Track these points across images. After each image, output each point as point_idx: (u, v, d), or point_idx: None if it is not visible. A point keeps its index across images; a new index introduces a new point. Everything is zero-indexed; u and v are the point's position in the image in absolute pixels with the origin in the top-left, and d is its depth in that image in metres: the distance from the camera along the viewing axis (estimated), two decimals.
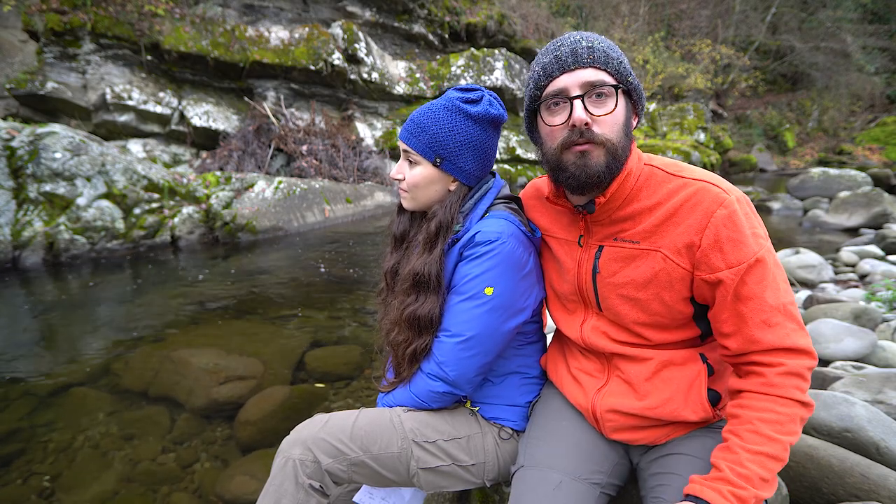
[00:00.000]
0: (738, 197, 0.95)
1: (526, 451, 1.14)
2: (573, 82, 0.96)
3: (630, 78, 0.99)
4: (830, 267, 4.73)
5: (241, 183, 7.10)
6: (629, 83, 0.99)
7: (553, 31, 14.38)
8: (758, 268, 0.91)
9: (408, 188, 1.22)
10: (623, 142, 0.98)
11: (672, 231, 0.98)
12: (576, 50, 0.97)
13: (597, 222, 1.08)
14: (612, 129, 0.97)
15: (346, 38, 9.68)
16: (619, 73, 0.97)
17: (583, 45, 0.97)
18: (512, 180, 11.47)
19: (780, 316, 0.91)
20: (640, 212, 1.02)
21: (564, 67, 0.97)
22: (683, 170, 1.02)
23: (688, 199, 0.96)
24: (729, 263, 0.92)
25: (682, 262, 0.97)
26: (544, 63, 1.00)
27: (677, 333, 1.05)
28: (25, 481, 2.18)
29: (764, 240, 0.94)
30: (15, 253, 5.24)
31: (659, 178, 1.02)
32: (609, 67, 0.96)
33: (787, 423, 0.88)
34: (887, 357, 2.34)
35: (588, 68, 0.96)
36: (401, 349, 1.20)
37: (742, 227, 0.92)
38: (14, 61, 10.49)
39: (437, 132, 1.16)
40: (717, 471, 0.88)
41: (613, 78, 0.97)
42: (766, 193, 11.28)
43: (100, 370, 3.10)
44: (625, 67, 0.98)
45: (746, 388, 0.92)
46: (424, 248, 1.19)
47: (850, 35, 22.40)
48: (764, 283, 0.91)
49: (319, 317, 3.99)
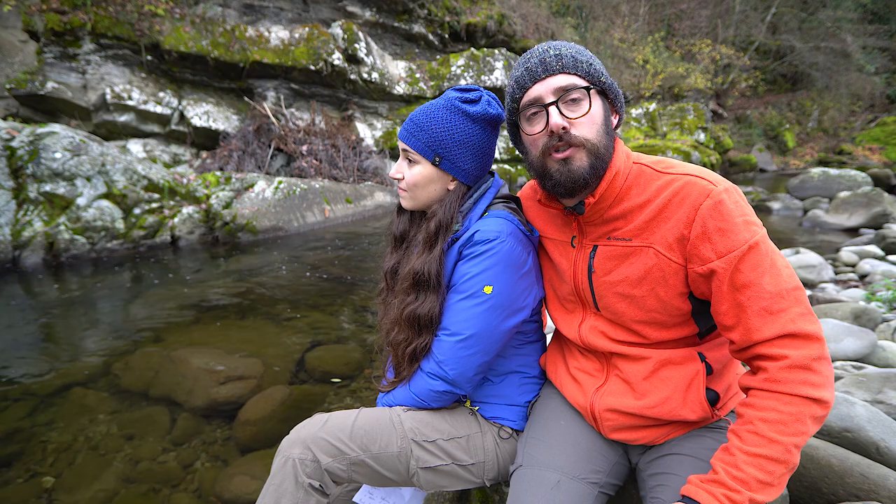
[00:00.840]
0: (725, 187, 0.94)
1: (525, 450, 1.14)
2: (546, 90, 0.99)
3: (602, 78, 1.01)
4: (830, 267, 4.73)
5: (241, 183, 7.10)
6: (602, 83, 1.01)
7: (553, 31, 14.37)
8: (751, 254, 0.89)
9: (407, 187, 1.22)
10: (604, 140, 1.00)
11: (663, 226, 0.98)
12: (544, 59, 1.00)
13: (589, 222, 1.08)
14: (591, 129, 0.99)
15: (346, 38, 9.68)
16: (590, 74, 0.99)
17: (550, 54, 1.00)
18: (512, 180, 11.47)
19: (782, 301, 0.87)
20: (630, 210, 1.02)
21: (535, 77, 1.00)
22: (671, 166, 1.02)
23: (676, 194, 0.97)
24: (719, 253, 0.91)
25: (675, 257, 0.97)
26: (517, 76, 1.03)
27: (675, 331, 1.05)
28: (25, 481, 2.18)
29: (757, 227, 0.92)
30: (15, 253, 5.24)
31: (647, 176, 1.02)
32: (578, 71, 0.99)
33: (792, 422, 0.84)
34: (887, 357, 2.34)
35: (558, 74, 0.99)
36: (401, 348, 1.21)
37: (731, 215, 0.91)
38: (14, 61, 10.49)
39: (436, 132, 1.16)
40: (713, 472, 0.87)
41: (584, 80, 0.99)
42: (766, 193, 11.27)
43: (100, 370, 3.10)
44: (595, 69, 1.00)
45: (753, 386, 0.90)
46: (424, 248, 1.19)
47: (850, 35, 22.39)
48: (760, 270, 0.89)
49: (319, 317, 3.99)
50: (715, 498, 0.83)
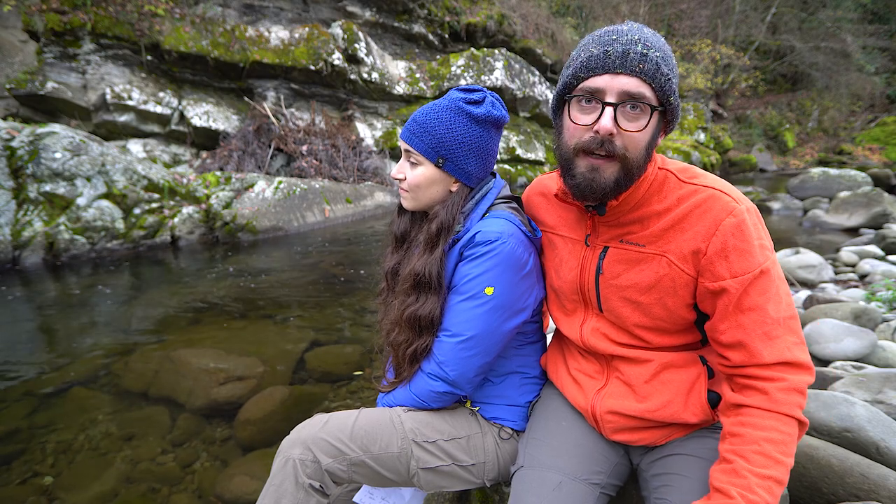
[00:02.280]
0: (748, 207, 0.93)
1: (526, 451, 1.14)
2: (612, 87, 0.89)
3: (672, 98, 0.92)
4: (830, 267, 4.73)
5: (241, 183, 7.10)
6: (669, 103, 0.92)
7: (553, 31, 14.37)
8: (762, 279, 0.90)
9: (409, 188, 1.21)
10: (641, 160, 0.94)
11: (679, 237, 0.96)
12: (627, 52, 0.88)
13: (604, 223, 1.07)
14: (636, 146, 0.92)
15: (346, 38, 9.68)
16: (664, 90, 0.90)
17: (637, 49, 0.88)
18: (512, 180, 11.46)
19: (780, 329, 0.89)
20: (649, 216, 1.00)
21: (609, 67, 0.89)
22: (696, 176, 1.00)
23: (697, 206, 0.95)
24: (734, 273, 0.91)
25: (687, 269, 0.96)
26: (591, 54, 0.91)
27: (678, 338, 1.05)
28: (25, 481, 2.18)
29: (770, 252, 0.93)
30: (15, 253, 5.24)
31: (671, 184, 1.00)
32: (654, 82, 0.89)
33: (790, 443, 0.86)
34: (887, 357, 2.34)
35: (633, 77, 0.89)
36: (401, 349, 1.20)
37: (750, 237, 0.91)
38: (14, 61, 10.48)
39: (439, 133, 1.15)
40: (727, 497, 0.83)
41: (655, 94, 0.90)
42: (766, 193, 11.28)
43: (100, 370, 3.10)
44: (671, 85, 0.91)
45: (748, 404, 0.89)
46: (425, 249, 1.19)
47: (850, 35, 22.39)
48: (767, 295, 0.90)
49: (319, 317, 3.99)
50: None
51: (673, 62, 0.92)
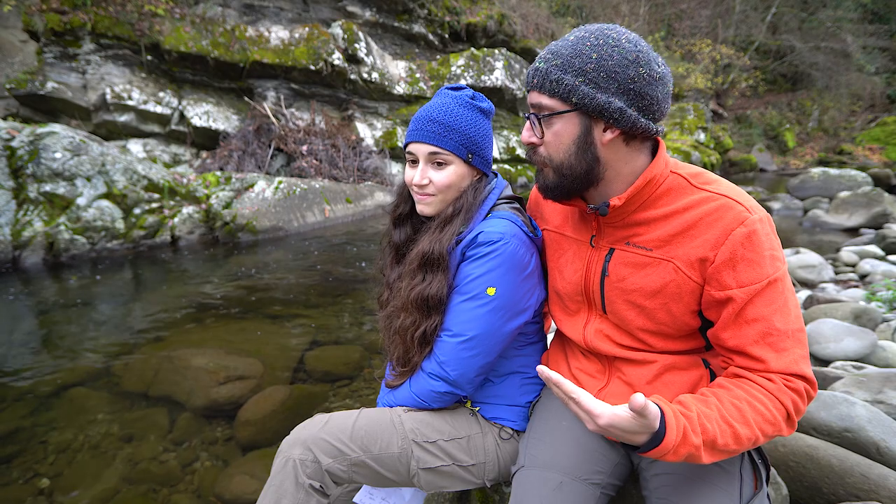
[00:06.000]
0: (760, 217, 0.92)
1: (526, 451, 1.14)
2: (531, 100, 1.00)
3: (574, 98, 0.92)
4: (830, 267, 4.73)
5: (241, 183, 7.10)
6: (576, 104, 0.92)
7: (553, 31, 14.37)
8: (769, 290, 0.89)
9: (439, 191, 1.18)
10: (571, 160, 0.98)
11: (688, 243, 0.95)
12: (534, 68, 0.97)
13: (609, 224, 1.06)
14: (556, 150, 0.98)
15: (346, 38, 9.67)
16: (560, 94, 0.93)
17: (535, 66, 0.97)
18: (512, 180, 11.47)
19: (788, 341, 0.88)
20: (655, 218, 1.00)
21: (528, 83, 0.99)
22: (710, 182, 0.98)
23: (709, 214, 0.94)
24: (741, 283, 0.90)
25: (694, 276, 0.96)
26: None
27: (681, 343, 1.04)
28: (25, 481, 2.18)
29: (781, 262, 0.91)
30: (15, 253, 5.23)
31: (682, 188, 0.99)
32: (544, 90, 0.95)
33: (769, 424, 0.85)
34: (887, 357, 2.34)
35: (533, 91, 0.98)
36: (409, 334, 1.18)
37: (760, 247, 0.90)
38: (14, 61, 10.48)
39: (466, 129, 1.17)
40: (686, 408, 0.84)
41: (554, 100, 0.94)
42: (767, 193, 11.28)
43: (100, 370, 3.10)
44: (566, 87, 0.91)
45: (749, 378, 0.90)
46: (436, 228, 1.19)
47: (850, 35, 22.39)
48: (774, 307, 0.89)
49: (319, 317, 3.99)
50: (678, 425, 0.80)
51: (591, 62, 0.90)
